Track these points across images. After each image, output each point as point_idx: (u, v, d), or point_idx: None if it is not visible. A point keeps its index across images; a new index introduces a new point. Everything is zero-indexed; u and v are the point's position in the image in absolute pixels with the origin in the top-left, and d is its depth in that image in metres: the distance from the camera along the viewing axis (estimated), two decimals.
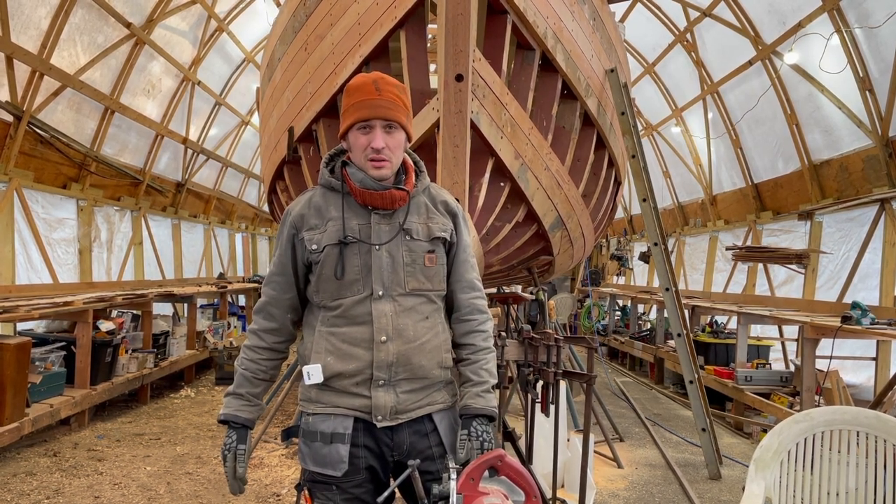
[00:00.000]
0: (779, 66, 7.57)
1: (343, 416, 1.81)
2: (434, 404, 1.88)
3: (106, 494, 4.33)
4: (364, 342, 1.80)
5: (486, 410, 1.85)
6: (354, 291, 1.82)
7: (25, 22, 6.33)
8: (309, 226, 1.86)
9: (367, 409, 1.80)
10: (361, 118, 1.78)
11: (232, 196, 13.47)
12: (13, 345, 4.78)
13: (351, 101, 1.81)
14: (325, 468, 1.80)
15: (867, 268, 6.68)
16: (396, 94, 1.82)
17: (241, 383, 1.91)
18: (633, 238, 14.12)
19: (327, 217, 1.85)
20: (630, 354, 10.65)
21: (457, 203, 2.01)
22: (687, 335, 5.31)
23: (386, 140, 1.79)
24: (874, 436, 2.47)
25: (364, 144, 1.79)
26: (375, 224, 1.84)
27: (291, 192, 5.38)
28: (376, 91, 1.78)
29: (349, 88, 1.83)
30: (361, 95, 1.79)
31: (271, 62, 5.35)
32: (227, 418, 1.88)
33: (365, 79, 1.81)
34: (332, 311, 1.84)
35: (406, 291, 1.83)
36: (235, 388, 1.91)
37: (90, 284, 8.02)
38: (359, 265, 1.82)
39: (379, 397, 1.80)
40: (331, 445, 1.79)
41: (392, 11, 3.50)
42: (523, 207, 4.15)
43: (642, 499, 4.48)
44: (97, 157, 8.16)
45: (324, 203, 1.88)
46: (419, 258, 1.85)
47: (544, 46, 3.92)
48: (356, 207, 1.86)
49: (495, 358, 1.97)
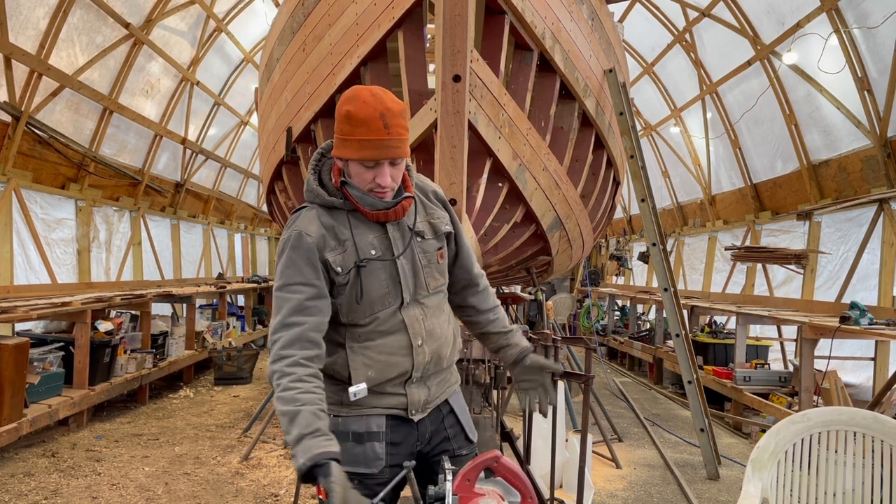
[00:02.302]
0: (777, 66, 7.57)
1: (376, 415, 1.83)
2: (451, 387, 1.99)
3: (104, 495, 4.33)
4: (402, 349, 1.81)
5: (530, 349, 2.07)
6: (386, 304, 1.81)
7: (24, 22, 6.33)
8: (330, 247, 1.78)
9: (402, 406, 1.84)
10: (369, 158, 1.70)
11: (231, 196, 13.47)
12: (11, 345, 4.77)
13: (356, 136, 1.68)
14: (357, 467, 1.78)
15: (866, 268, 6.68)
16: (403, 126, 1.71)
17: (310, 421, 1.56)
18: (633, 238, 14.13)
19: (343, 237, 1.79)
20: (629, 354, 10.65)
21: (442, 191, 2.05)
22: (686, 335, 5.31)
23: (391, 173, 1.75)
24: (871, 436, 2.47)
25: (369, 179, 1.74)
26: (392, 235, 1.83)
27: (290, 193, 5.38)
28: (385, 130, 1.66)
29: (353, 117, 1.67)
30: (369, 133, 1.67)
31: (270, 62, 5.35)
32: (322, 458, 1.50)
33: (371, 111, 1.66)
34: (364, 327, 1.82)
35: (429, 293, 1.88)
36: (310, 425, 1.55)
37: (89, 285, 8.01)
38: (386, 278, 1.81)
39: (413, 393, 1.84)
40: (366, 444, 1.80)
41: (390, 12, 3.51)
42: (521, 208, 4.16)
43: (641, 499, 4.48)
44: (96, 157, 8.15)
45: (334, 222, 1.80)
46: (433, 257, 1.88)
47: (542, 47, 3.92)
48: (366, 221, 1.82)
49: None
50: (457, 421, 1.97)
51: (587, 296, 12.72)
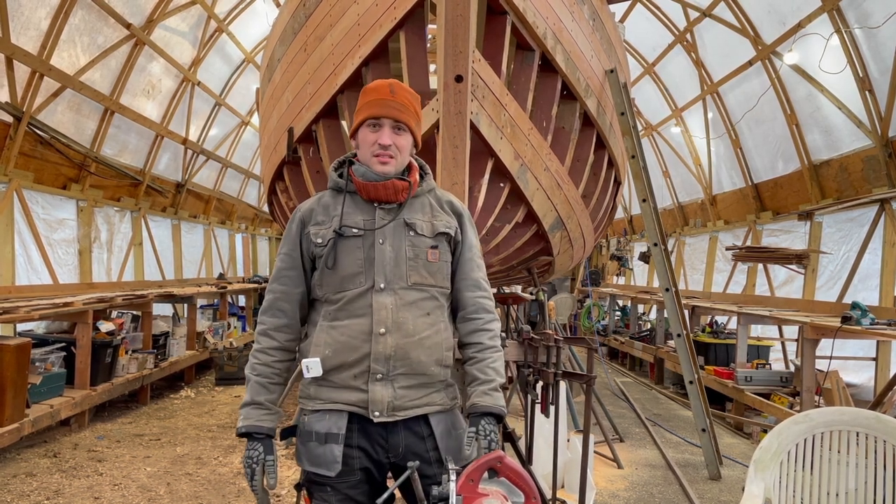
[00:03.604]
0: (778, 66, 7.57)
1: (338, 414, 1.82)
2: (432, 405, 1.86)
3: (106, 495, 4.33)
4: (363, 334, 1.80)
5: (495, 409, 1.81)
6: (357, 284, 1.84)
7: (25, 23, 6.33)
8: (315, 221, 1.90)
9: (363, 404, 1.80)
10: (372, 115, 1.84)
11: (232, 196, 13.47)
12: (13, 346, 4.77)
13: (365, 100, 1.88)
14: (319, 468, 1.81)
15: (867, 268, 6.68)
16: (410, 99, 1.89)
17: (257, 391, 1.85)
18: (633, 238, 14.13)
19: (333, 214, 1.90)
20: (630, 355, 10.65)
21: (463, 205, 2.04)
22: (687, 335, 5.31)
23: (393, 139, 1.85)
24: (874, 436, 2.48)
25: (372, 140, 1.85)
26: (379, 219, 1.87)
27: (291, 193, 5.38)
28: (391, 93, 1.85)
29: (365, 89, 1.90)
30: (375, 95, 1.86)
31: (271, 63, 5.35)
32: (250, 430, 1.82)
33: (381, 82, 1.89)
34: (334, 304, 1.85)
35: (408, 285, 1.85)
36: (252, 397, 1.85)
37: (90, 285, 8.02)
38: (362, 258, 1.84)
39: (376, 391, 1.79)
40: (325, 445, 1.80)
41: (392, 12, 3.50)
42: (523, 208, 4.15)
43: (642, 499, 4.48)
44: (97, 157, 8.16)
45: (332, 202, 1.93)
46: (422, 253, 1.88)
47: (544, 47, 3.92)
48: (361, 204, 1.90)
49: (502, 358, 1.94)
50: (437, 447, 1.84)
51: (588, 296, 12.72)
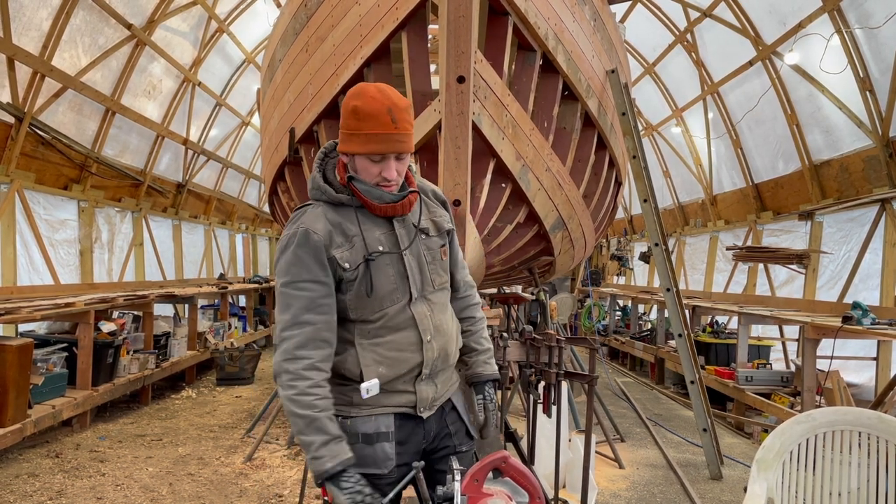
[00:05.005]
0: (779, 66, 7.57)
1: (385, 414, 1.82)
2: (454, 385, 2.01)
3: (109, 495, 4.34)
4: (412, 345, 1.83)
5: (496, 375, 2.07)
6: (395, 300, 1.83)
7: (27, 24, 6.33)
8: (336, 244, 1.78)
9: (412, 404, 1.85)
10: (377, 152, 1.73)
11: (232, 197, 13.48)
12: (15, 346, 4.78)
13: (364, 130, 1.71)
14: (367, 468, 1.77)
15: (868, 268, 6.68)
16: (409, 122, 1.75)
17: (326, 426, 1.67)
18: (634, 238, 14.13)
19: (350, 234, 1.80)
20: (631, 355, 10.65)
21: (442, 191, 2.10)
22: (688, 335, 5.31)
23: (397, 168, 1.79)
24: (876, 436, 2.48)
25: (375, 172, 1.77)
26: (399, 231, 1.85)
27: (292, 193, 5.39)
28: (392, 124, 1.70)
29: (360, 111, 1.70)
30: (377, 127, 1.70)
31: (272, 63, 5.36)
32: (346, 465, 1.66)
33: (379, 106, 1.70)
34: (373, 323, 1.82)
35: (434, 289, 1.90)
36: (330, 431, 1.67)
37: (91, 285, 8.02)
38: (393, 274, 1.82)
39: (423, 390, 1.86)
40: (375, 445, 1.80)
41: (393, 13, 3.51)
42: (524, 208, 4.16)
43: (644, 499, 4.48)
44: (98, 158, 8.16)
45: (341, 219, 1.81)
46: (437, 254, 1.91)
47: (545, 47, 3.92)
48: (373, 217, 1.84)
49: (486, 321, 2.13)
50: (459, 418, 1.99)
51: (588, 296, 12.72)
